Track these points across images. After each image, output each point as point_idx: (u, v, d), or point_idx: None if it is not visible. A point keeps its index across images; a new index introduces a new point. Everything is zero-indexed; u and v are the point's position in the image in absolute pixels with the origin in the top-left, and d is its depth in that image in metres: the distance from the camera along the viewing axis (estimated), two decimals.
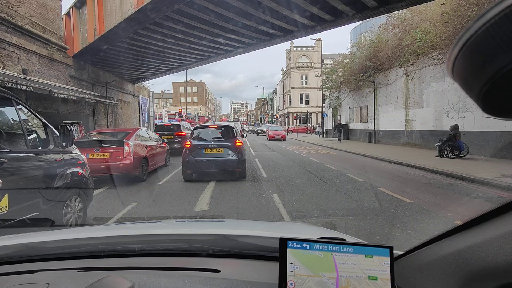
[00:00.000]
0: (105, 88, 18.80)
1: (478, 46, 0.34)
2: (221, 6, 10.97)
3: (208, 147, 7.58)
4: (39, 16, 12.99)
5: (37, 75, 12.50)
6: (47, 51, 13.17)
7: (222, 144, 7.66)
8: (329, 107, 28.09)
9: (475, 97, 0.39)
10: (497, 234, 0.55)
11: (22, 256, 1.08)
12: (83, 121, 15.84)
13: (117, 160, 7.26)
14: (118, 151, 7.35)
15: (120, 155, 7.35)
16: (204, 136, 8.17)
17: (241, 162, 7.54)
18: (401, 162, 10.23)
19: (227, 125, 8.74)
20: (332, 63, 24.89)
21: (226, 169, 7.54)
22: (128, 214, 4.84)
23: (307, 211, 4.85)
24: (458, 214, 4.65)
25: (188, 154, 7.54)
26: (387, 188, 6.35)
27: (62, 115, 14.25)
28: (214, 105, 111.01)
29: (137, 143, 7.99)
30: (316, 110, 46.19)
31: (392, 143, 17.13)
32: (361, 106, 21.24)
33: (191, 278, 0.91)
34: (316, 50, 49.36)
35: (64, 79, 14.64)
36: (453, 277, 0.65)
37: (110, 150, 7.35)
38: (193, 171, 7.70)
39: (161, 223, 1.96)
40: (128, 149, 7.48)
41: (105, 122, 19.03)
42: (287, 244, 0.77)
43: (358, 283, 0.74)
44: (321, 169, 9.26)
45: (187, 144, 7.81)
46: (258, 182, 7.31)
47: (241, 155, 7.58)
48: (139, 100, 26.12)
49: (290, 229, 1.68)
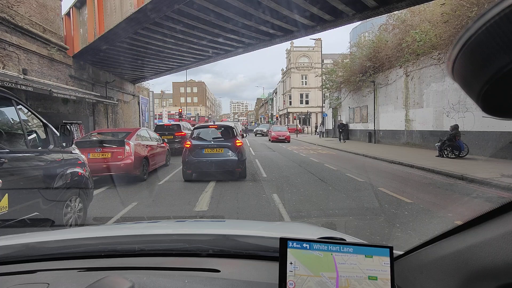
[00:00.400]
0: (105, 88, 18.81)
1: (478, 46, 0.34)
2: (221, 6, 10.99)
3: (208, 147, 7.59)
4: (39, 16, 13.00)
5: (37, 75, 12.51)
6: (47, 51, 13.18)
7: (222, 144, 7.66)
8: (329, 107, 28.09)
9: (475, 97, 0.39)
10: (497, 234, 0.55)
11: (22, 256, 1.07)
12: (83, 121, 15.85)
13: (118, 160, 7.29)
14: (119, 151, 7.38)
15: (121, 155, 7.37)
16: (204, 136, 8.18)
17: (241, 162, 7.54)
18: (401, 162, 10.23)
19: (227, 125, 8.75)
20: (332, 63, 24.86)
21: (226, 169, 7.54)
22: (128, 214, 4.84)
23: (307, 211, 4.85)
24: (458, 214, 4.65)
25: (188, 154, 7.55)
26: (387, 188, 6.36)
27: (62, 115, 14.26)
28: (214, 105, 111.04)
29: (138, 143, 8.03)
30: (316, 110, 46.11)
31: (392, 143, 17.13)
32: (361, 106, 21.24)
33: (191, 278, 0.91)
34: (316, 50, 49.33)
35: (64, 79, 14.65)
36: (453, 277, 0.65)
37: (111, 150, 7.37)
38: (193, 171, 7.71)
39: (161, 223, 1.96)
40: (129, 149, 7.51)
41: (105, 122, 19.04)
42: (287, 244, 0.77)
43: (358, 283, 0.74)
44: (321, 169, 9.27)
45: (187, 144, 7.83)
46: (258, 182, 7.31)
47: (241, 155, 7.58)
48: (139, 100, 26.14)
49: (290, 229, 1.69)
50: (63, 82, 14.49)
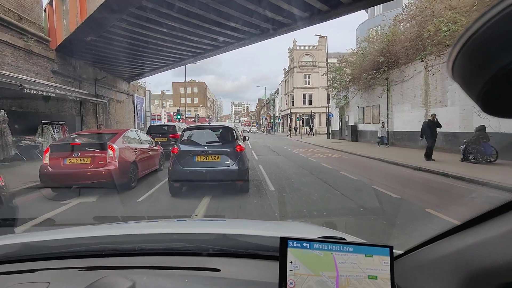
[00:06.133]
0: (94, 85, 17.27)
1: (478, 45, 0.34)
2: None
3: (201, 153, 6.04)
4: (13, 2, 11.47)
5: (11, 69, 10.99)
6: (23, 42, 11.67)
7: (219, 150, 6.13)
8: (336, 107, 26.50)
9: (475, 97, 0.39)
10: (497, 234, 0.56)
11: (22, 255, 1.08)
12: (68, 121, 14.33)
13: (100, 166, 6.31)
14: (101, 155, 6.43)
15: (103, 160, 6.38)
16: (197, 139, 6.65)
17: (243, 173, 6.02)
18: (429, 169, 8.66)
19: (225, 126, 7.21)
20: (340, 60, 23.22)
21: (224, 181, 6.02)
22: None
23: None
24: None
25: (175, 162, 6.03)
26: (438, 210, 4.76)
27: (42, 114, 12.76)
28: (215, 105, 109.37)
29: (125, 146, 7.09)
30: (320, 111, 44.62)
31: (408, 146, 15.53)
32: (372, 106, 19.66)
33: (192, 278, 0.92)
34: (320, 48, 47.85)
35: (45, 74, 13.13)
36: (453, 276, 0.65)
37: (92, 155, 6.43)
38: (182, 184, 6.18)
39: (161, 222, 1.93)
40: (112, 153, 6.55)
41: (95, 122, 17.51)
42: (287, 244, 0.77)
43: (358, 283, 0.74)
44: (338, 179, 7.71)
45: (174, 150, 6.28)
46: (264, 198, 5.74)
47: (243, 164, 6.06)
48: (134, 99, 24.61)
49: (290, 229, 1.68)
50: (44, 78, 12.96)
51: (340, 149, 16.33)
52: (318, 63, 47.27)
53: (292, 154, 14.39)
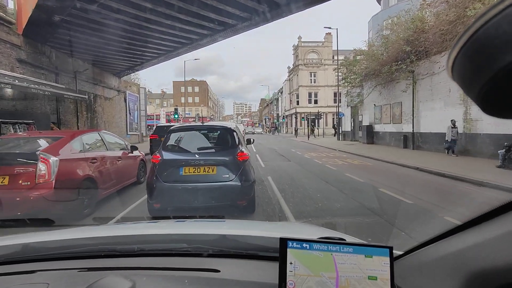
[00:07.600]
0: (75, 79, 15.03)
1: (478, 46, 0.34)
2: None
3: (190, 164, 4.26)
4: None
5: None
6: None
7: (215, 160, 4.33)
8: (347, 105, 24.17)
9: (475, 97, 0.38)
10: (497, 234, 0.55)
11: (22, 256, 1.07)
12: (40, 120, 12.07)
13: (24, 188, 4.17)
14: (27, 171, 4.26)
15: (30, 179, 4.21)
16: (185, 144, 4.70)
17: (247, 189, 4.21)
18: (489, 182, 6.37)
19: (224, 127, 5.12)
20: (355, 52, 20.84)
21: (222, 202, 4.18)
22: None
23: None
24: None
25: (155, 175, 4.21)
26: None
27: (4, 112, 10.53)
28: (216, 105, 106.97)
29: (74, 156, 4.97)
30: (326, 110, 42.29)
31: (438, 150, 13.20)
32: (393, 103, 17.33)
33: (191, 278, 0.91)
34: (326, 45, 45.56)
35: (8, 64, 10.89)
36: (452, 277, 0.64)
37: (13, 172, 4.23)
38: (164, 205, 4.27)
39: (161, 223, 1.92)
40: (45, 168, 4.29)
41: (75, 122, 15.27)
42: (287, 244, 0.76)
43: (358, 283, 0.73)
44: (379, 198, 5.42)
45: (155, 159, 4.37)
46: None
47: (246, 177, 4.20)
48: (126, 97, 22.37)
49: (290, 229, 1.68)
50: (7, 68, 10.74)
51: (358, 153, 14.02)
52: (325, 61, 44.97)
53: (305, 160, 12.09)
